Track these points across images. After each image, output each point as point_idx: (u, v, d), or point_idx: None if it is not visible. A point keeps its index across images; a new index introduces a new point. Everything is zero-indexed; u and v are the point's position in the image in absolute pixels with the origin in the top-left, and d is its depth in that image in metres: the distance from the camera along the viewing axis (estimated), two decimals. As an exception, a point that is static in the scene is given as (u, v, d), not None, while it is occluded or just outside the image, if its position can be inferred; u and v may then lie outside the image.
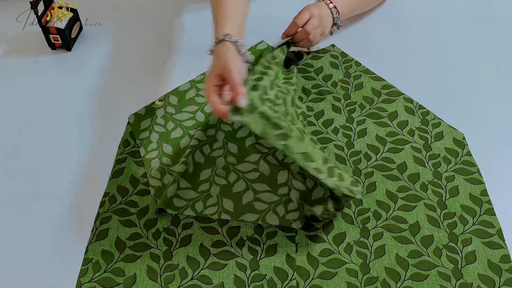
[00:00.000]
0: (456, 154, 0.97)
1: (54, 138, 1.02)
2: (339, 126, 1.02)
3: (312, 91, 1.08)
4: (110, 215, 0.89)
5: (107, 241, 0.86)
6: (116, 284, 0.81)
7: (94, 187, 0.94)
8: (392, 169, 0.95)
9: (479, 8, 1.32)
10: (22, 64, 1.18)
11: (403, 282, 0.80)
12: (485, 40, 1.22)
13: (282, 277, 0.81)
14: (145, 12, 1.33)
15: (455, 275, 0.81)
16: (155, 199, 0.91)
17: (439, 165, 0.96)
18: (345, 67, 1.14)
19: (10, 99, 1.10)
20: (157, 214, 0.89)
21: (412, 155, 0.97)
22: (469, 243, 0.85)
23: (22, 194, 0.93)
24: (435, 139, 1.00)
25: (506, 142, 1.00)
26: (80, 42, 1.23)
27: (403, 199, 0.91)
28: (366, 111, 1.05)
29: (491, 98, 1.08)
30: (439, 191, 0.92)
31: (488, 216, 0.88)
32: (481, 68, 1.15)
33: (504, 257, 0.83)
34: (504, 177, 0.94)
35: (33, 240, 0.87)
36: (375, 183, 0.93)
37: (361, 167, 0.95)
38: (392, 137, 1.00)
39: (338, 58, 1.16)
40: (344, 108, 1.05)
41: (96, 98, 1.10)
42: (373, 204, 0.90)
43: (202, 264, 0.83)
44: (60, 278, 0.82)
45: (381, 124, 1.02)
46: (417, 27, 1.26)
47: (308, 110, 1.04)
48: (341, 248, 0.85)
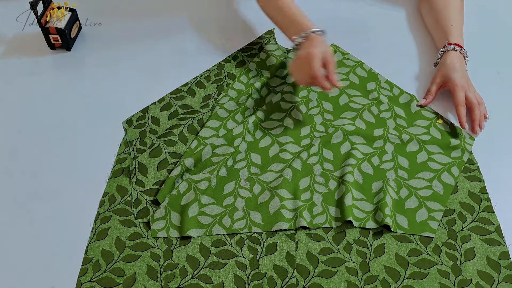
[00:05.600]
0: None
1: (54, 138, 1.02)
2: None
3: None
4: (110, 214, 0.89)
5: (107, 240, 0.86)
6: (116, 284, 0.81)
7: (94, 187, 0.94)
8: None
9: (479, 8, 1.32)
10: (22, 64, 1.18)
11: (403, 281, 0.80)
12: (485, 40, 1.22)
13: (282, 275, 0.82)
14: (144, 12, 1.33)
15: (454, 272, 0.81)
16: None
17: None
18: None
19: (10, 99, 1.11)
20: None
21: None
22: (468, 240, 0.85)
23: (22, 194, 0.93)
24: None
25: (505, 141, 1.01)
26: (80, 42, 1.24)
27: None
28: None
29: (491, 98, 1.08)
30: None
31: (487, 213, 0.89)
32: (481, 68, 1.15)
33: (503, 253, 0.83)
34: (503, 175, 0.95)
35: (33, 240, 0.87)
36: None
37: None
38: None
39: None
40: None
41: (96, 98, 1.10)
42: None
43: (202, 263, 0.83)
44: (60, 278, 0.82)
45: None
46: (417, 27, 1.26)
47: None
48: (340, 246, 0.85)
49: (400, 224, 0.87)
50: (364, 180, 0.93)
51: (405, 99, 1.07)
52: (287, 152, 0.97)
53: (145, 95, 1.10)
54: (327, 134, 1.00)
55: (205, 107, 1.07)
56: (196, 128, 1.02)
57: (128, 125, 1.04)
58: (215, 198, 0.91)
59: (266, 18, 1.14)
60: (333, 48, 1.19)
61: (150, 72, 1.16)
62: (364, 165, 0.95)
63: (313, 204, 0.90)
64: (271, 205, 0.90)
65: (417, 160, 0.96)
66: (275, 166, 0.96)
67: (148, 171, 0.95)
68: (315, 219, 0.88)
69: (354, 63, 1.15)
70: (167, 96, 1.09)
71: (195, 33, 1.25)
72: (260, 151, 0.98)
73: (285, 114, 1.04)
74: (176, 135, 1.01)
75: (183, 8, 1.33)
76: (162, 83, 1.12)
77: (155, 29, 1.27)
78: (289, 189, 0.91)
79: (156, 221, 0.88)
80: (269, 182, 0.93)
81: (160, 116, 1.05)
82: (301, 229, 0.87)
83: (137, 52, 1.21)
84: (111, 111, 1.07)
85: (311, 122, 1.03)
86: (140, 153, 0.98)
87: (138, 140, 1.01)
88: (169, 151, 0.98)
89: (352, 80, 1.11)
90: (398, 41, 1.23)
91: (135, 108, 1.07)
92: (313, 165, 0.95)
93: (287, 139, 1.00)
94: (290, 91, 1.07)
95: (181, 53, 1.20)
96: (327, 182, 0.93)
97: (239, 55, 1.18)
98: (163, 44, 1.23)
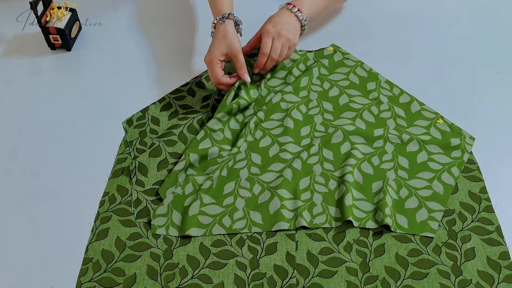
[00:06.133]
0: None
1: (54, 138, 1.02)
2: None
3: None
4: (110, 214, 0.89)
5: (107, 240, 0.86)
6: (116, 284, 0.81)
7: (94, 187, 0.94)
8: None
9: (479, 8, 1.32)
10: (22, 64, 1.18)
11: (403, 281, 0.80)
12: (485, 40, 1.22)
13: (282, 275, 0.82)
14: (144, 12, 1.33)
15: (454, 272, 0.81)
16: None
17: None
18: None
19: (10, 99, 1.11)
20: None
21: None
22: (468, 240, 0.85)
23: (22, 194, 0.93)
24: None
25: (505, 141, 1.01)
26: (80, 42, 1.24)
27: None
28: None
29: (491, 98, 1.08)
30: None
31: (487, 213, 0.89)
32: (481, 68, 1.15)
33: (503, 253, 0.83)
34: (503, 175, 0.95)
35: (33, 240, 0.87)
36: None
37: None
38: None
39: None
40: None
41: (96, 98, 1.10)
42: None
43: (202, 263, 0.83)
44: (60, 278, 0.82)
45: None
46: (417, 27, 1.27)
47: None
48: (341, 246, 0.85)
49: (400, 224, 0.87)
50: (364, 180, 0.93)
51: (405, 99, 1.07)
52: (287, 152, 0.97)
53: (145, 95, 1.10)
54: (327, 134, 1.00)
55: (205, 107, 1.07)
56: (196, 128, 1.02)
57: (128, 125, 1.04)
58: (215, 198, 0.91)
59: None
60: (333, 48, 1.19)
61: (150, 72, 1.16)
62: (364, 165, 0.95)
63: (313, 204, 0.90)
64: (271, 205, 0.90)
65: (417, 160, 0.96)
66: (275, 166, 0.96)
67: (148, 171, 0.95)
68: (315, 219, 0.88)
69: (354, 63, 1.15)
70: (167, 96, 1.09)
71: (195, 33, 1.25)
72: (260, 151, 0.98)
73: (285, 114, 1.04)
74: (176, 135, 1.01)
75: (183, 8, 1.33)
76: (162, 83, 1.13)
77: (155, 29, 1.27)
78: (289, 189, 0.91)
79: (158, 217, 0.88)
80: (269, 182, 0.93)
81: (160, 116, 1.05)
82: (301, 229, 0.87)
83: (137, 52, 1.21)
84: (111, 111, 1.07)
85: (311, 122, 1.03)
86: (140, 153, 0.98)
87: (138, 140, 1.01)
88: (169, 151, 0.98)
89: (352, 80, 1.11)
90: (398, 41, 1.23)
91: (135, 108, 1.07)
92: (313, 165, 0.95)
93: (287, 139, 1.00)
94: (290, 91, 1.07)
95: (181, 53, 1.20)
96: (327, 182, 0.93)
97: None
98: (163, 44, 1.23)
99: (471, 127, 1.02)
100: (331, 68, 1.14)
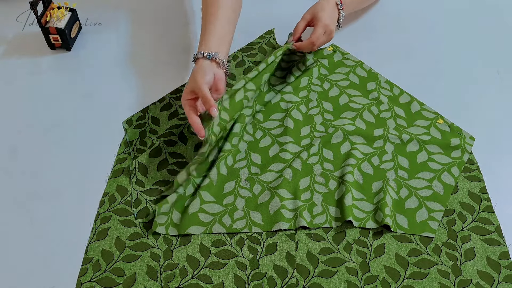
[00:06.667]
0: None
1: (54, 138, 1.02)
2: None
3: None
4: (110, 214, 0.89)
5: (107, 240, 0.86)
6: (116, 284, 0.81)
7: (94, 187, 0.94)
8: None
9: (479, 8, 1.32)
10: (21, 64, 1.18)
11: (403, 281, 0.80)
12: (485, 40, 1.22)
13: (282, 275, 0.82)
14: (145, 12, 1.33)
15: (454, 272, 0.81)
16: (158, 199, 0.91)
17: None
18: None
19: (10, 99, 1.11)
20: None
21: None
22: (468, 240, 0.85)
23: (22, 194, 0.93)
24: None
25: (505, 141, 1.01)
26: (80, 42, 1.24)
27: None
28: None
29: (491, 98, 1.08)
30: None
31: (487, 213, 0.89)
32: (481, 68, 1.15)
33: (503, 253, 0.83)
34: (503, 175, 0.95)
35: (33, 240, 0.87)
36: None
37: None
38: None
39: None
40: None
41: (96, 98, 1.10)
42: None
43: (202, 263, 0.83)
44: (60, 278, 0.82)
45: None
46: (417, 27, 1.27)
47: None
48: (340, 246, 0.85)
49: (400, 224, 0.87)
50: (364, 180, 0.93)
51: (405, 99, 1.07)
52: (287, 152, 0.97)
53: (145, 95, 1.10)
54: (327, 134, 1.00)
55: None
56: None
57: (128, 125, 1.04)
58: (216, 196, 0.91)
59: (267, 18, 1.13)
60: (333, 48, 1.19)
61: (150, 72, 1.16)
62: (364, 165, 0.95)
63: (313, 204, 0.90)
64: (271, 205, 0.90)
65: (417, 160, 0.96)
66: (275, 166, 0.96)
67: (148, 171, 0.95)
68: (315, 219, 0.88)
69: (354, 63, 1.15)
70: (167, 96, 1.09)
71: (196, 33, 1.25)
72: (260, 151, 0.98)
73: (285, 114, 1.04)
74: (176, 135, 1.01)
75: (183, 8, 1.33)
76: (162, 83, 1.12)
77: (155, 29, 1.27)
78: (289, 189, 0.91)
79: (161, 215, 0.88)
80: (269, 182, 0.93)
81: (160, 116, 1.05)
82: (301, 229, 0.87)
83: (137, 52, 1.21)
84: (111, 111, 1.07)
85: (311, 122, 1.03)
86: (140, 153, 0.98)
87: (138, 140, 1.01)
88: (169, 151, 0.98)
89: (352, 80, 1.11)
90: (398, 41, 1.23)
91: (135, 108, 1.07)
92: (313, 165, 0.95)
93: (287, 139, 1.00)
94: (290, 91, 1.07)
95: (181, 53, 1.20)
96: (327, 182, 0.93)
97: (239, 55, 1.18)
98: (163, 44, 1.23)
99: (471, 127, 1.02)
100: (331, 68, 1.14)
